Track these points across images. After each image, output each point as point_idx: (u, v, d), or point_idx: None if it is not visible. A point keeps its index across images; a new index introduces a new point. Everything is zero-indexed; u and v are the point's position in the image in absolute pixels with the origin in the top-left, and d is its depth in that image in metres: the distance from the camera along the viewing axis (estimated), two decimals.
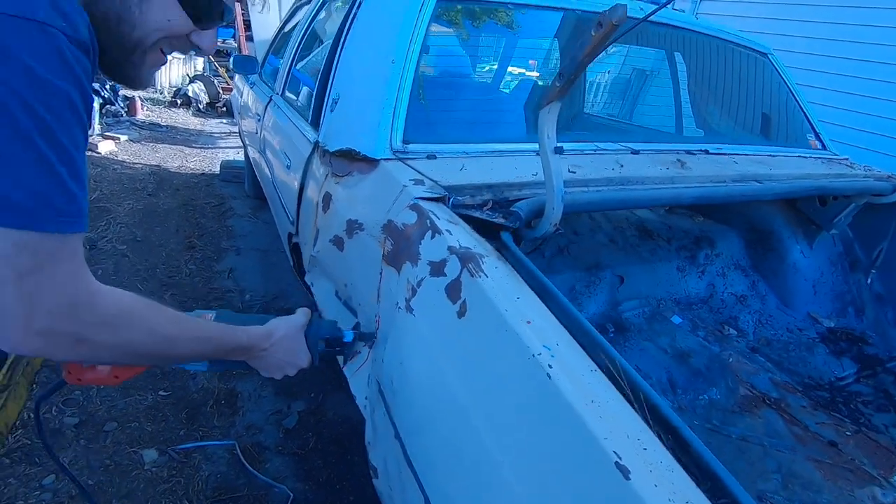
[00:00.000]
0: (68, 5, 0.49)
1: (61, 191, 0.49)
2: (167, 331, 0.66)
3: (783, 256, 1.84)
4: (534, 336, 0.61)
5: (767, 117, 1.83)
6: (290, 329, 0.88)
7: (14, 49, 0.44)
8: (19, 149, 0.46)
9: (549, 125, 0.86)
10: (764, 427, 1.34)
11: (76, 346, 0.56)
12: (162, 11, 0.63)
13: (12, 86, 0.44)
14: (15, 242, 0.48)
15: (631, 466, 0.46)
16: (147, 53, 0.66)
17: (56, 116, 0.47)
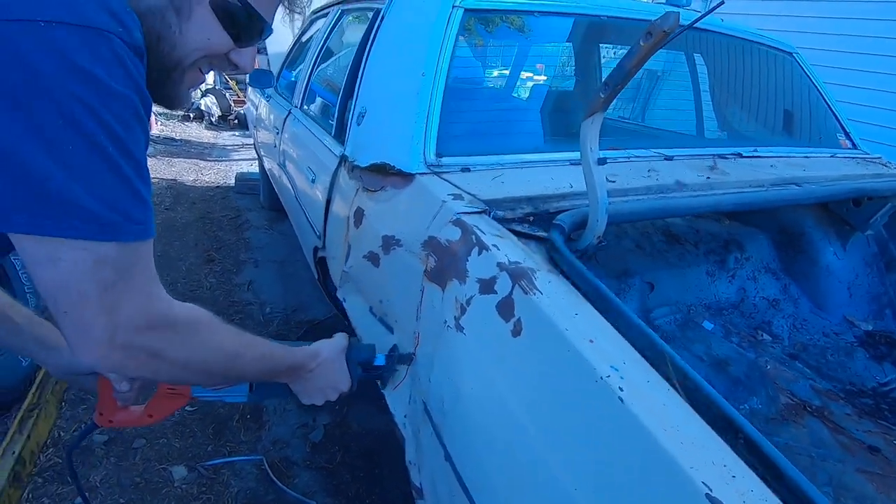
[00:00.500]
0: (122, 9, 0.48)
1: (135, 199, 0.49)
2: (233, 347, 0.66)
3: (815, 258, 1.80)
4: (599, 356, 0.59)
5: (795, 117, 1.80)
6: (332, 352, 0.89)
7: (76, 58, 0.43)
8: (93, 159, 0.45)
9: (592, 136, 0.85)
10: (809, 436, 1.30)
11: (152, 361, 0.56)
12: (202, 31, 0.62)
13: (80, 96, 0.43)
14: (96, 258, 0.47)
15: (723, 498, 0.44)
16: (186, 72, 0.65)
17: (123, 124, 0.47)
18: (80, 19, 0.43)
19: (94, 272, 0.48)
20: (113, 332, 0.51)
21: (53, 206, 0.44)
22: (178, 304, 0.58)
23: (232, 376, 0.72)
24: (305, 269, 3.04)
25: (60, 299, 0.49)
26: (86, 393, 1.95)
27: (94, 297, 0.49)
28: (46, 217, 0.44)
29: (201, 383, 0.80)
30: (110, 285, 0.49)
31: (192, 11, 0.59)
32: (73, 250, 0.47)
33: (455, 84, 1.21)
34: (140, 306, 0.52)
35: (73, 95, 0.43)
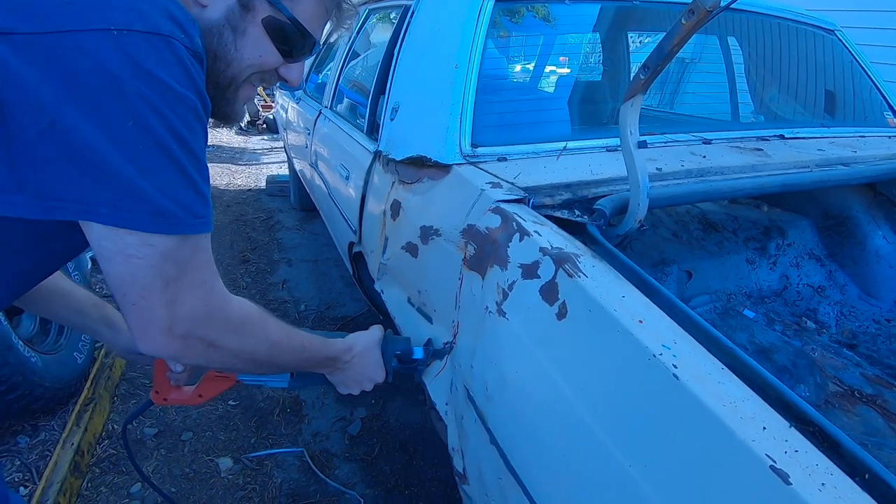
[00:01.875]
0: (184, 17, 0.51)
1: (197, 195, 0.52)
2: (278, 338, 0.69)
3: (863, 243, 1.74)
4: (650, 335, 0.59)
5: (838, 98, 1.73)
6: (369, 343, 0.91)
7: (145, 63, 0.46)
8: (160, 157, 0.48)
9: (632, 119, 0.84)
10: (862, 425, 1.26)
11: (207, 350, 0.59)
12: (255, 48, 0.65)
13: (148, 97, 0.46)
14: (162, 252, 0.50)
15: (789, 470, 0.44)
16: (240, 89, 0.68)
17: (186, 124, 0.50)
18: (147, 26, 0.46)
19: (159, 267, 0.51)
20: (172, 323, 0.54)
21: (127, 201, 0.48)
22: (233, 298, 0.62)
23: (275, 365, 0.75)
24: (337, 267, 3.10)
25: (128, 292, 0.52)
26: (136, 388, 2.03)
27: (158, 290, 0.52)
28: (122, 209, 0.48)
29: (249, 371, 0.85)
30: (173, 279, 0.52)
31: (246, 29, 0.63)
32: (142, 246, 0.50)
33: (488, 75, 1.22)
34: (199, 299, 0.55)
35: (143, 98, 0.46)
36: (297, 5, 0.65)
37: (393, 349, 0.96)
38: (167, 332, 0.54)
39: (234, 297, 0.62)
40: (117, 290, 0.52)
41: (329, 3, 0.70)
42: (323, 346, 0.83)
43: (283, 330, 0.72)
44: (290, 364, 0.77)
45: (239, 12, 0.62)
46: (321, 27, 0.71)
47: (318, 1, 0.68)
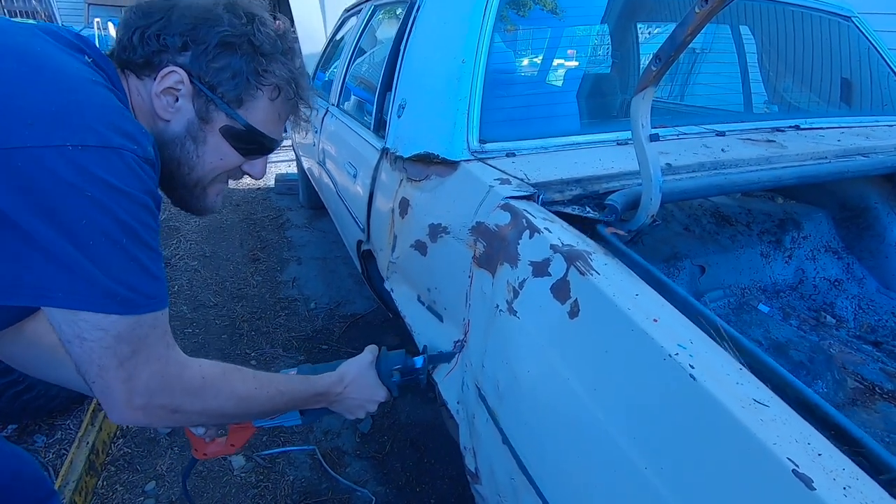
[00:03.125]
0: (135, 129, 0.58)
1: (148, 278, 0.58)
2: (246, 392, 0.73)
3: (882, 235, 1.69)
4: (665, 335, 0.58)
5: (855, 86, 1.69)
6: (360, 369, 0.94)
7: (97, 171, 0.53)
8: (110, 248, 0.55)
9: (643, 112, 0.82)
10: (883, 422, 1.23)
11: (172, 415, 0.64)
12: (216, 153, 0.73)
13: (98, 199, 0.53)
14: (116, 333, 0.56)
15: (812, 475, 0.42)
16: (207, 188, 0.77)
17: (136, 218, 0.56)
18: (100, 141, 0.54)
19: (113, 348, 0.57)
20: (130, 396, 0.59)
21: (81, 285, 0.54)
22: (191, 363, 0.66)
23: (250, 416, 0.79)
24: (346, 265, 3.11)
25: (87, 371, 0.58)
26: None
27: (113, 369, 0.57)
28: (76, 293, 0.54)
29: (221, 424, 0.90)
30: (127, 358, 0.58)
31: (206, 138, 0.71)
32: (95, 330, 0.55)
33: (495, 70, 1.20)
34: (154, 373, 0.60)
35: (93, 200, 0.53)
36: (251, 113, 0.72)
37: (390, 365, 0.98)
38: (127, 405, 0.59)
39: (193, 362, 0.66)
40: (79, 368, 0.58)
41: (283, 107, 0.76)
42: (306, 386, 0.86)
43: (254, 381, 0.74)
44: (268, 411, 0.80)
45: (198, 124, 0.70)
46: (279, 127, 0.78)
47: (272, 107, 0.74)
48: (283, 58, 0.74)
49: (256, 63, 0.70)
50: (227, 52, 0.68)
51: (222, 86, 0.69)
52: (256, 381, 0.75)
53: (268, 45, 0.71)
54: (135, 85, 0.69)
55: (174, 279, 2.84)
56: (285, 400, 0.80)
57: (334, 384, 0.90)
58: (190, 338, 2.34)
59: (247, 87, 0.70)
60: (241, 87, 0.70)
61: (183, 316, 2.50)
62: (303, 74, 0.78)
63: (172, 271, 2.92)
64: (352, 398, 0.92)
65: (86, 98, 0.55)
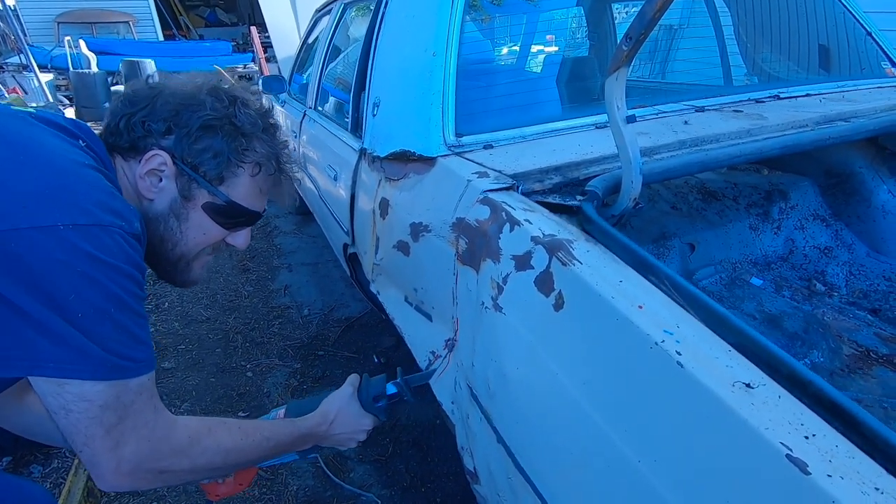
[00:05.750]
0: (122, 207, 0.61)
1: (136, 344, 0.60)
2: (233, 444, 0.74)
3: (868, 199, 1.69)
4: (651, 321, 0.56)
5: (833, 52, 1.68)
6: (342, 403, 0.95)
7: (86, 248, 0.56)
8: (99, 320, 0.57)
9: (618, 93, 0.80)
10: (880, 387, 1.22)
11: (159, 476, 0.64)
12: (199, 228, 0.76)
13: (87, 273, 0.56)
14: (102, 403, 0.57)
15: (806, 459, 0.41)
16: (192, 262, 0.80)
17: (123, 289, 0.59)
18: (89, 220, 0.56)
19: (99, 417, 0.58)
20: (118, 464, 0.60)
21: (71, 355, 0.55)
22: (177, 421, 0.67)
23: (240, 465, 0.79)
24: (337, 268, 3.08)
25: (75, 440, 0.59)
26: None
27: (100, 438, 0.58)
28: (66, 363, 0.55)
29: (212, 479, 0.91)
30: (113, 426, 0.59)
31: (188, 215, 0.74)
32: (81, 401, 0.57)
33: (468, 60, 1.18)
34: (142, 438, 0.61)
35: (82, 274, 0.55)
36: (233, 189, 0.76)
37: (370, 393, 0.99)
38: (115, 472, 0.60)
39: (179, 422, 0.67)
40: (67, 439, 0.59)
41: (264, 182, 0.79)
42: (292, 430, 0.87)
43: (240, 432, 0.76)
44: (257, 459, 0.81)
45: (181, 202, 0.73)
46: (261, 200, 0.81)
47: (253, 182, 0.77)
48: (264, 135, 0.78)
49: (237, 143, 0.74)
50: (209, 135, 0.72)
51: (204, 165, 0.73)
52: (242, 431, 0.76)
53: (248, 126, 0.75)
54: (121, 166, 0.73)
55: (164, 296, 2.80)
56: (272, 446, 0.81)
57: (318, 424, 0.91)
58: (183, 354, 2.31)
59: (228, 166, 0.74)
60: (222, 166, 0.74)
61: (175, 332, 2.47)
62: (284, 147, 0.82)
63: (161, 288, 2.88)
64: (339, 433, 0.94)
65: (76, 180, 0.59)
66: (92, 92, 7.42)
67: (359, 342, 2.39)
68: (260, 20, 5.96)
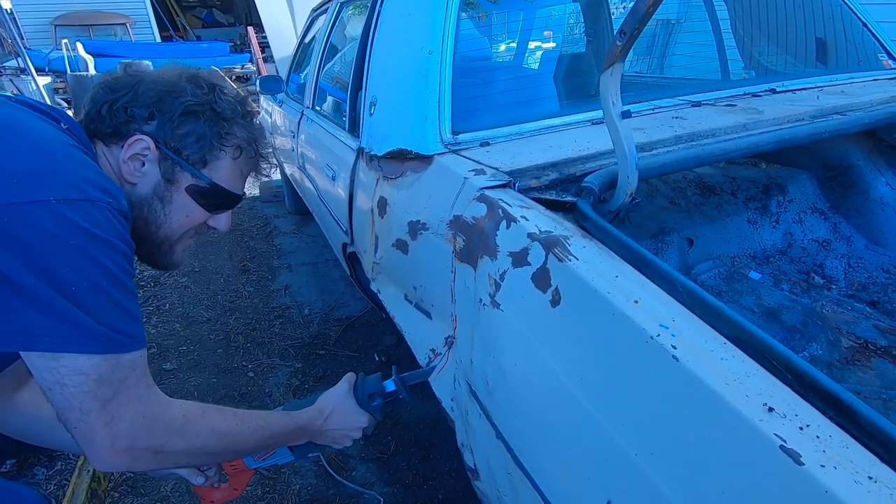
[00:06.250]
0: (111, 186, 0.63)
1: (129, 319, 0.61)
2: (227, 428, 0.74)
3: (866, 192, 1.69)
4: (646, 316, 0.56)
5: (829, 44, 1.68)
6: (337, 399, 0.96)
7: (79, 221, 0.57)
8: (92, 293, 0.57)
9: (613, 89, 0.80)
10: (879, 379, 1.23)
11: (155, 457, 0.64)
12: (182, 210, 0.77)
13: (80, 246, 0.57)
14: (96, 377, 0.58)
15: (800, 449, 0.41)
16: (175, 245, 0.81)
17: (116, 264, 0.60)
18: (80, 195, 0.58)
19: (94, 391, 0.58)
20: (114, 440, 0.59)
21: (66, 329, 0.56)
22: (172, 402, 0.67)
23: (235, 452, 0.80)
24: (337, 268, 3.08)
25: (69, 417, 0.59)
26: None
27: (95, 412, 0.58)
28: (61, 336, 0.56)
29: (206, 464, 0.92)
30: (108, 400, 0.59)
31: (172, 197, 0.76)
32: (77, 374, 0.57)
33: (464, 58, 1.18)
34: (137, 413, 0.61)
35: (75, 248, 0.56)
36: (215, 171, 0.78)
37: (366, 391, 1.00)
38: (111, 449, 0.60)
39: (174, 402, 0.67)
40: (61, 416, 0.59)
41: (245, 165, 0.82)
42: (287, 421, 0.87)
43: (235, 418, 0.76)
44: (252, 446, 0.81)
45: (164, 185, 0.75)
46: (241, 183, 0.84)
47: (234, 165, 0.80)
48: (243, 121, 0.80)
49: (219, 127, 0.77)
50: (191, 119, 0.75)
51: (187, 149, 0.75)
52: (237, 417, 0.77)
53: (229, 111, 0.77)
54: (103, 151, 0.74)
55: (164, 297, 2.81)
56: (267, 435, 0.81)
57: (314, 418, 0.91)
58: (185, 355, 2.32)
59: (210, 149, 0.77)
60: (205, 150, 0.76)
61: (176, 333, 2.48)
62: (262, 134, 0.85)
63: (162, 290, 2.89)
64: (333, 429, 0.94)
65: (65, 158, 0.61)
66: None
67: (360, 341, 2.39)
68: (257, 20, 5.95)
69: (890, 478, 0.40)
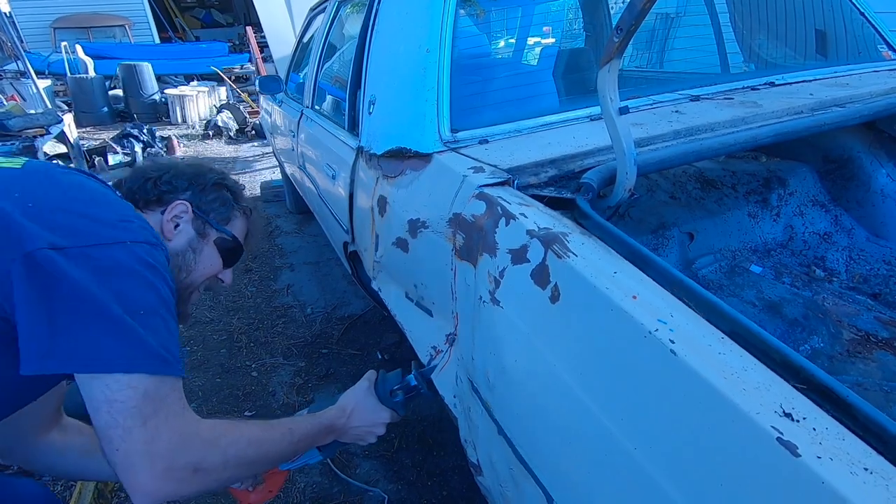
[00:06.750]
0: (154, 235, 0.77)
1: (175, 346, 0.69)
2: (257, 435, 0.79)
3: (867, 184, 1.69)
4: (644, 311, 0.57)
5: (829, 36, 1.67)
6: (358, 396, 1.01)
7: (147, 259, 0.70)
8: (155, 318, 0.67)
9: (610, 85, 0.80)
10: (880, 370, 1.23)
11: (195, 476, 0.67)
12: (208, 260, 0.93)
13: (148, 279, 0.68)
14: (143, 392, 0.63)
15: (797, 441, 0.42)
16: (192, 293, 0.94)
17: (168, 297, 0.71)
18: (147, 239, 0.73)
19: (139, 406, 0.62)
20: (152, 462, 0.62)
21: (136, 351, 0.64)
22: (203, 420, 0.72)
23: (269, 459, 0.82)
24: (339, 267, 3.09)
25: (113, 437, 0.62)
26: None
27: (137, 428, 0.62)
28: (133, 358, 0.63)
29: (246, 476, 0.95)
30: (150, 416, 0.63)
31: (202, 249, 0.92)
32: (127, 388, 0.62)
33: (462, 56, 1.18)
34: (174, 430, 0.65)
35: (144, 279, 0.68)
36: (233, 227, 0.98)
37: (387, 387, 1.02)
38: (151, 472, 0.62)
39: (203, 419, 0.72)
40: (105, 439, 0.63)
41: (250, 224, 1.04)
42: (313, 422, 0.92)
43: (261, 426, 0.82)
44: (284, 451, 0.84)
45: (197, 238, 0.92)
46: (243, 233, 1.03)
47: (244, 224, 1.02)
48: (244, 194, 1.04)
49: (234, 195, 1.00)
50: (218, 190, 0.97)
51: (214, 211, 0.95)
52: (264, 424, 0.83)
53: (235, 187, 1.02)
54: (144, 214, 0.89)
55: None
56: (296, 439, 0.86)
57: (338, 416, 0.96)
58: (188, 355, 2.33)
59: (231, 210, 0.98)
60: (227, 211, 0.97)
61: (179, 334, 2.49)
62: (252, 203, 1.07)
63: None
64: (357, 426, 0.99)
65: (132, 213, 0.77)
66: (90, 97, 7.44)
67: (362, 339, 2.40)
68: (256, 20, 5.95)
69: (885, 469, 0.40)
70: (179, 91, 7.77)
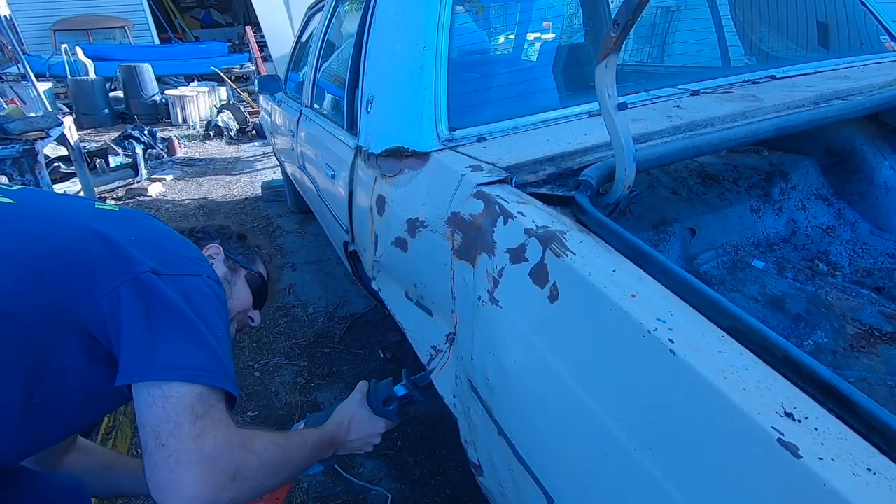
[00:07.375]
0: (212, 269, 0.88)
1: (231, 365, 0.77)
2: (279, 441, 0.84)
3: (870, 176, 1.67)
4: (643, 310, 0.56)
5: (831, 28, 1.65)
6: (352, 409, 1.05)
7: (217, 291, 0.83)
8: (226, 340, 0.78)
9: (608, 81, 0.80)
10: (884, 365, 1.22)
11: (234, 483, 0.70)
12: (241, 292, 1.04)
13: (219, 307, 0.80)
14: (198, 394, 0.69)
15: (798, 442, 0.41)
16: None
17: (227, 322, 0.82)
18: (208, 273, 0.84)
19: (192, 406, 0.68)
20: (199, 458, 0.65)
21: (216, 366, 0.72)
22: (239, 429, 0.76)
23: (291, 466, 0.86)
24: (340, 266, 3.09)
25: (161, 431, 0.65)
26: None
27: (189, 424, 0.67)
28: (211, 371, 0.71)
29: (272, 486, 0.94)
30: (200, 416, 0.68)
31: (235, 282, 1.03)
32: (182, 386, 0.68)
33: (459, 53, 1.17)
34: (220, 433, 0.70)
35: (218, 307, 0.80)
36: (256, 266, 1.10)
37: (380, 397, 1.04)
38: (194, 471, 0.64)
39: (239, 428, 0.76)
40: (151, 435, 0.66)
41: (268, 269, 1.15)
42: (318, 435, 0.97)
43: (277, 437, 0.86)
44: (302, 460, 0.88)
45: (230, 273, 1.03)
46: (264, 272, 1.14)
47: (265, 268, 1.13)
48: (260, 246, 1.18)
49: (254, 245, 1.14)
50: (241, 240, 1.11)
51: (241, 255, 1.08)
52: (279, 436, 0.87)
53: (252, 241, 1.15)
54: None
55: None
56: (309, 448, 0.91)
57: (337, 431, 1.00)
58: None
59: (254, 255, 1.11)
60: (252, 257, 1.10)
61: None
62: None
63: None
64: (354, 439, 1.02)
65: (201, 254, 0.91)
66: (91, 99, 7.44)
67: (364, 338, 2.40)
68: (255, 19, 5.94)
69: (889, 469, 0.40)
70: (180, 92, 7.77)
